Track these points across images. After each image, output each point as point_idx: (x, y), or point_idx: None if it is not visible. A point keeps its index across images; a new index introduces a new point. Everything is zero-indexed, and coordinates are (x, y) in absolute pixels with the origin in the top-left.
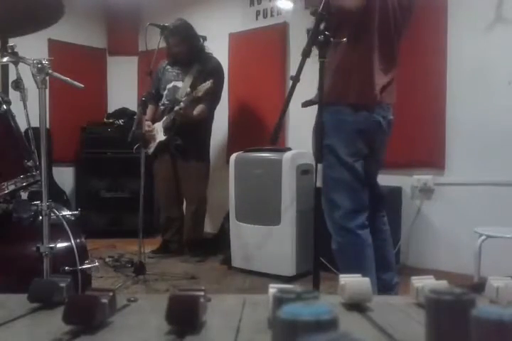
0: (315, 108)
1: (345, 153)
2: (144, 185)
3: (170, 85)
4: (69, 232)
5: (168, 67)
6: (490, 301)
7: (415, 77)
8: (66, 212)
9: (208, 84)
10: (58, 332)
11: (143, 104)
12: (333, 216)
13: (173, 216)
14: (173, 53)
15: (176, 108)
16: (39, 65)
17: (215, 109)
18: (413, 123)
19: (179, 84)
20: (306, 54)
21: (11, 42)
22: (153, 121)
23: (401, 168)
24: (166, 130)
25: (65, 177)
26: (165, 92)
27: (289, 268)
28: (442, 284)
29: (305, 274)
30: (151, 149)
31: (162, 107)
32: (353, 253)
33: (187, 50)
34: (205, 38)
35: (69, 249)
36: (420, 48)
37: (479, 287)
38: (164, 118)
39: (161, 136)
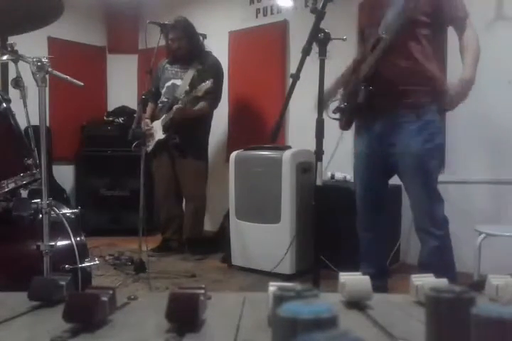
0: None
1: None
2: (143, 183)
3: (169, 83)
4: (69, 230)
5: (168, 65)
6: (490, 299)
7: None
8: (66, 210)
9: (207, 84)
10: (58, 330)
11: (143, 102)
12: (439, 209)
13: (173, 214)
14: (173, 49)
15: (176, 106)
16: (39, 63)
17: (215, 107)
18: None
19: (178, 82)
20: (306, 52)
21: (11, 40)
22: (153, 119)
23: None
24: (165, 128)
25: (65, 175)
26: (163, 90)
27: (288, 266)
28: (442, 282)
29: (305, 272)
30: (150, 147)
31: (160, 105)
32: (451, 246)
33: (187, 46)
34: (204, 36)
35: (69, 247)
36: None
37: (479, 285)
38: (163, 116)
39: (159, 135)
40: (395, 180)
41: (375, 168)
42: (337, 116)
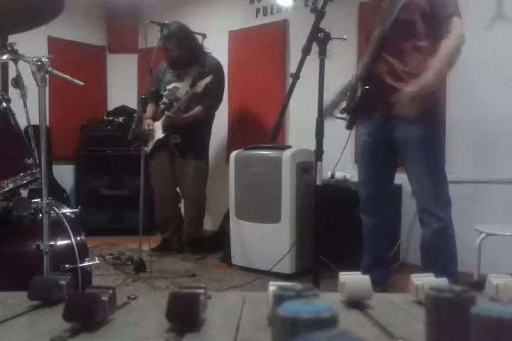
0: (315, 105)
1: None
2: (143, 183)
3: (170, 86)
4: (69, 230)
5: (169, 68)
6: (490, 299)
7: None
8: (66, 210)
9: (207, 79)
10: (58, 330)
11: (143, 102)
12: (445, 191)
13: (171, 215)
14: (173, 57)
15: (167, 113)
16: (39, 63)
17: (216, 109)
18: None
19: (179, 84)
20: (306, 51)
21: (11, 39)
22: (154, 120)
23: (401, 165)
24: (165, 128)
25: (65, 175)
26: (165, 93)
27: (288, 266)
28: (442, 282)
29: (305, 272)
30: (149, 147)
31: (162, 106)
32: (453, 227)
33: (186, 53)
34: (204, 36)
35: (69, 246)
36: None
37: (479, 285)
38: (164, 116)
39: (159, 134)
40: (395, 179)
41: (379, 153)
42: (343, 115)
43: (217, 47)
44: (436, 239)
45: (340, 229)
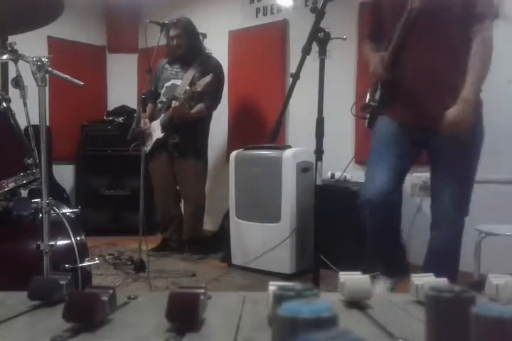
0: (315, 105)
1: None
2: (143, 183)
3: (168, 83)
4: (69, 230)
5: (167, 65)
6: (490, 299)
7: None
8: (66, 210)
9: (207, 78)
10: (58, 330)
11: (142, 102)
12: (469, 199)
13: (171, 215)
14: (173, 47)
15: (174, 104)
16: (39, 63)
17: (214, 109)
18: None
19: (178, 82)
20: (306, 51)
21: (11, 39)
22: (152, 119)
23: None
24: (164, 127)
25: (65, 174)
26: (163, 90)
27: (288, 266)
28: (442, 282)
29: (305, 272)
30: (148, 147)
31: (160, 105)
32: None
33: (187, 44)
34: (204, 36)
35: (69, 246)
36: None
37: (479, 285)
38: (162, 115)
39: (158, 134)
40: None
41: (403, 147)
42: (366, 115)
43: (217, 47)
44: (447, 249)
45: (340, 229)
